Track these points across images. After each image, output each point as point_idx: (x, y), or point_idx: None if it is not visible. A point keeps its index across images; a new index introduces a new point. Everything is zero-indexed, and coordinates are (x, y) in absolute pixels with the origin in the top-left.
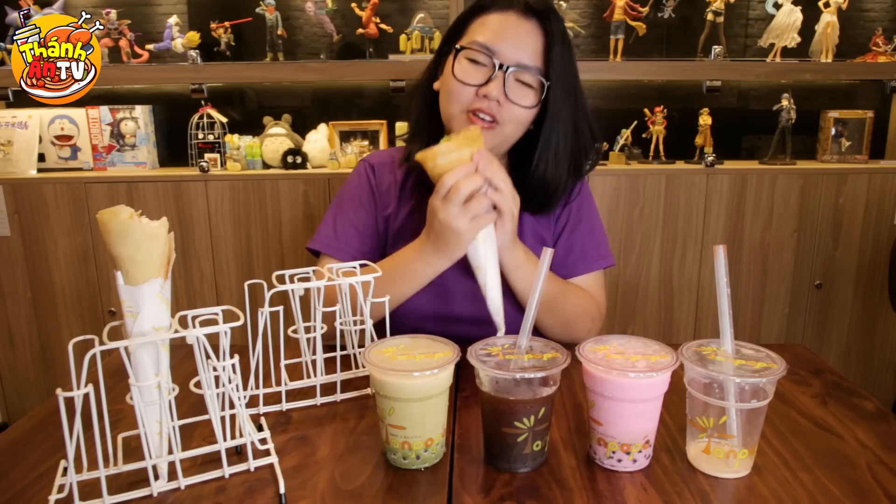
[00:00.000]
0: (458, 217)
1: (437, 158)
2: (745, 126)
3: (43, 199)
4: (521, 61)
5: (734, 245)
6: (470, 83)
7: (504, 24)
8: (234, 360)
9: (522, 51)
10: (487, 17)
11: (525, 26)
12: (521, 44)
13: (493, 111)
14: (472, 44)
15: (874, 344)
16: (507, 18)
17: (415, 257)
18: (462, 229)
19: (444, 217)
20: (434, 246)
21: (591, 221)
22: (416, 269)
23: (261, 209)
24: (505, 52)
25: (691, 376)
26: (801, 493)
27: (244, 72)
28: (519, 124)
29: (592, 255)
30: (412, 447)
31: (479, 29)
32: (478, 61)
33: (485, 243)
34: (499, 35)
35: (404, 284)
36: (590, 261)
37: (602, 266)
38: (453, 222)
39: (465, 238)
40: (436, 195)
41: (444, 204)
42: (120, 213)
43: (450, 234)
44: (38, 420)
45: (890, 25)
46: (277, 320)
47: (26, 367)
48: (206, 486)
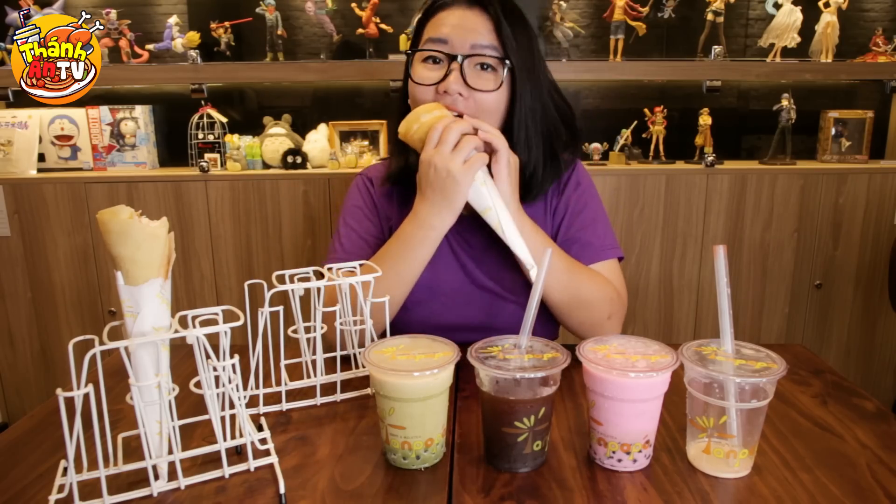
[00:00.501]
0: (452, 159)
1: (421, 117)
2: (745, 126)
3: (43, 199)
4: (474, 43)
5: (734, 245)
6: (428, 83)
7: (451, 17)
8: (234, 360)
9: (473, 35)
10: (435, 17)
11: (471, 14)
12: (471, 29)
13: (459, 106)
14: (424, 43)
15: (874, 344)
16: (452, 13)
17: (414, 226)
18: (457, 170)
19: (438, 161)
20: (432, 203)
21: (593, 211)
22: (418, 237)
23: (261, 209)
24: (455, 41)
25: (691, 376)
26: (802, 493)
27: (244, 72)
28: (490, 114)
29: (597, 244)
30: (412, 447)
31: (429, 30)
32: (434, 59)
33: (485, 184)
34: (447, 27)
35: (411, 261)
36: (596, 250)
37: (611, 256)
38: (449, 164)
39: (463, 181)
40: (427, 147)
41: (438, 148)
42: (120, 213)
43: (447, 179)
44: (38, 420)
45: (890, 25)
46: (277, 320)
47: (26, 367)
48: (206, 486)
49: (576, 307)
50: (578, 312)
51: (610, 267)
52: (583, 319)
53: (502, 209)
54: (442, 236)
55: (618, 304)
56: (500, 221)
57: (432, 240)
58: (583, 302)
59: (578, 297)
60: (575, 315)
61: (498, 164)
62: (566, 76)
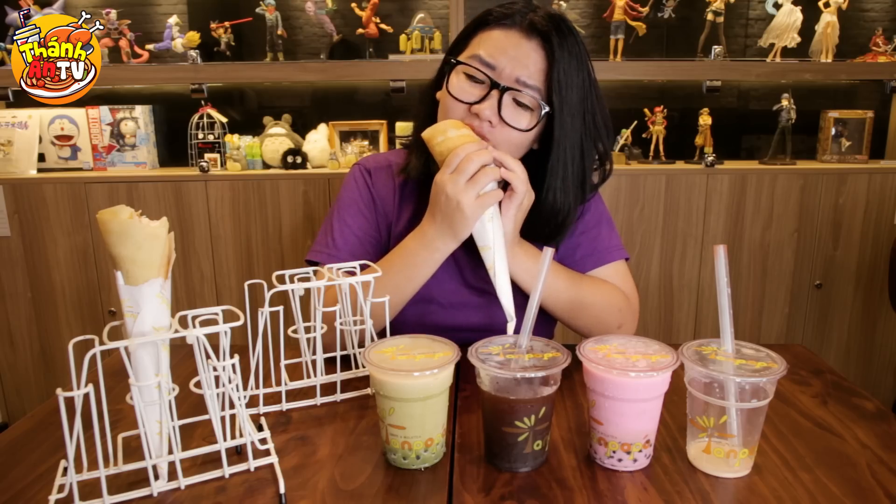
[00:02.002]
0: (465, 191)
1: (449, 131)
2: (745, 126)
3: (43, 199)
4: (520, 79)
5: (734, 245)
6: (463, 100)
7: (506, 41)
8: (234, 360)
9: (522, 69)
10: (491, 32)
11: (527, 45)
12: (522, 62)
13: (485, 131)
14: (471, 58)
15: (874, 344)
16: (509, 36)
17: (418, 245)
18: (467, 205)
19: (451, 191)
20: (439, 227)
21: (598, 213)
22: (422, 256)
23: (261, 209)
24: (503, 69)
25: (692, 376)
26: (802, 492)
27: (244, 72)
28: (514, 147)
29: (603, 247)
30: (412, 447)
31: (480, 44)
32: (475, 78)
33: (492, 220)
34: (499, 50)
35: (413, 277)
36: (602, 252)
37: (617, 257)
38: (460, 196)
39: (471, 217)
40: (444, 170)
41: (454, 177)
42: (120, 213)
43: (456, 210)
44: (38, 420)
45: (890, 25)
46: (277, 320)
47: (26, 367)
48: (206, 486)
49: (583, 319)
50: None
51: (617, 269)
52: (590, 327)
53: (500, 252)
54: (445, 257)
55: (628, 312)
56: (494, 264)
57: (436, 260)
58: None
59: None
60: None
61: (510, 201)
62: None
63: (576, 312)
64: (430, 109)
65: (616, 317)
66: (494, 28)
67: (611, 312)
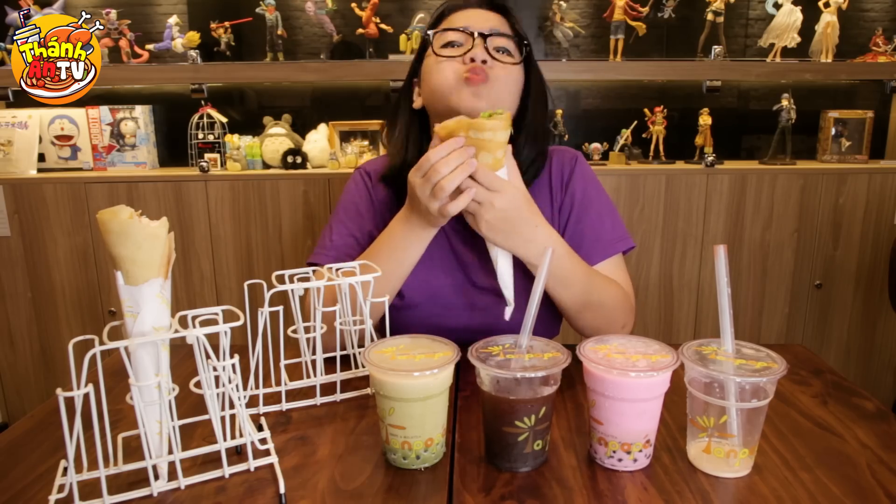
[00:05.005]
0: (430, 200)
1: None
2: (745, 126)
3: (43, 199)
4: (493, 30)
5: (734, 245)
6: (453, 55)
7: (470, 13)
8: (234, 360)
9: (491, 23)
10: (452, 15)
11: (488, 13)
12: (490, 22)
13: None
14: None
15: (874, 344)
16: (470, 11)
17: (405, 228)
18: (433, 211)
19: (420, 195)
20: (416, 219)
21: (600, 204)
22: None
23: (261, 209)
24: (474, 27)
25: (692, 376)
26: (802, 492)
27: (244, 72)
28: (512, 81)
29: (606, 239)
30: (412, 447)
31: (447, 24)
32: (454, 43)
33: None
34: (465, 19)
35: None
36: (605, 244)
37: (620, 249)
38: (427, 203)
39: (446, 216)
40: (415, 171)
41: (422, 183)
42: (120, 213)
43: (427, 212)
44: (38, 420)
45: (890, 25)
46: (277, 320)
47: (26, 367)
48: (206, 486)
49: (591, 313)
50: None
51: (617, 263)
52: (599, 326)
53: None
54: (431, 237)
55: (630, 313)
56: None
57: (423, 240)
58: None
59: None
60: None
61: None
62: (566, 76)
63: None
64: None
65: (622, 316)
66: (451, 14)
67: (619, 310)
